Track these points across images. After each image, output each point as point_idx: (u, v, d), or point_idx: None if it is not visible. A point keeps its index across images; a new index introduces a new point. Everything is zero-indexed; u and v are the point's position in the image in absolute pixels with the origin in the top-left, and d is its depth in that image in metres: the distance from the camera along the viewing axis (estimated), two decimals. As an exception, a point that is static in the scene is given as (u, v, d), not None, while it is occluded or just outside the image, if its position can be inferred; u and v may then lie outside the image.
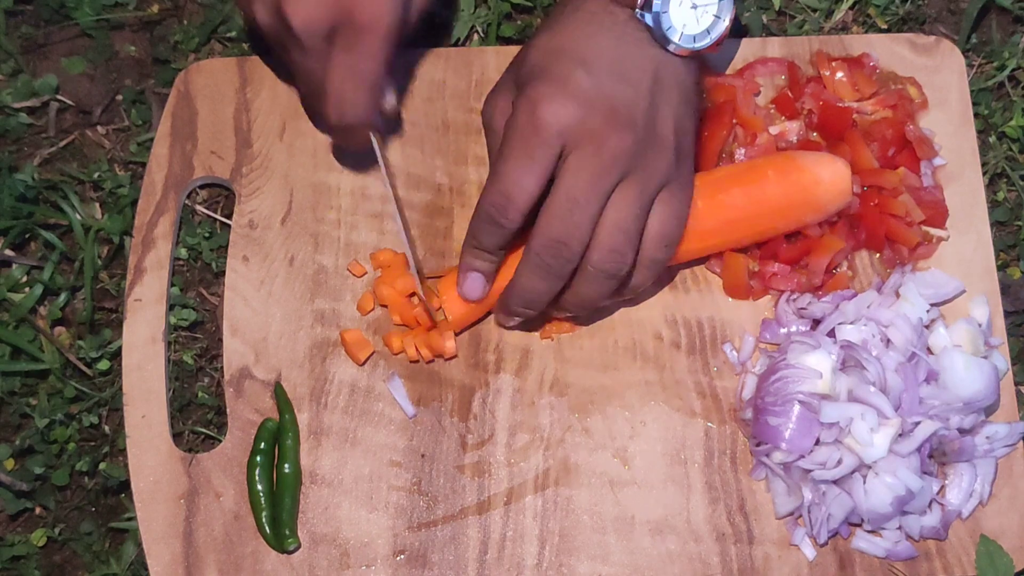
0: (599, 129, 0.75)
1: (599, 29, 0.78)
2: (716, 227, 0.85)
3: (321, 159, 0.92)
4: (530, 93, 0.76)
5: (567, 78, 0.76)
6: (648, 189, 0.78)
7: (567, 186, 0.76)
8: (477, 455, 0.86)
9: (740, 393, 0.87)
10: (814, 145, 0.90)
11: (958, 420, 0.83)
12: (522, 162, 0.76)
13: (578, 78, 0.76)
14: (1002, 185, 0.97)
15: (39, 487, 0.89)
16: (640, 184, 0.77)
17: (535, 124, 0.75)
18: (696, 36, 0.79)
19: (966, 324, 0.86)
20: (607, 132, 0.75)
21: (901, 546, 0.84)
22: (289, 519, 0.84)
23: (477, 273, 0.83)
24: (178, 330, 0.91)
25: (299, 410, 0.87)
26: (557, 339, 0.89)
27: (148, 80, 0.98)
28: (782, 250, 0.88)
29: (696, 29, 0.78)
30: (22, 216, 0.93)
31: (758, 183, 0.85)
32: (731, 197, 0.85)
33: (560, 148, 0.76)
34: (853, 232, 0.89)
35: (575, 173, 0.76)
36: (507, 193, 0.76)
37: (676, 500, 0.85)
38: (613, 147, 0.75)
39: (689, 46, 0.78)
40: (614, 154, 0.75)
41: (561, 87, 0.75)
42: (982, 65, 1.00)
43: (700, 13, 0.79)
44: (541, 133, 0.75)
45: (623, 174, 0.77)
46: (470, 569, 0.84)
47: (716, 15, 0.79)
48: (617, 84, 0.76)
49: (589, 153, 0.75)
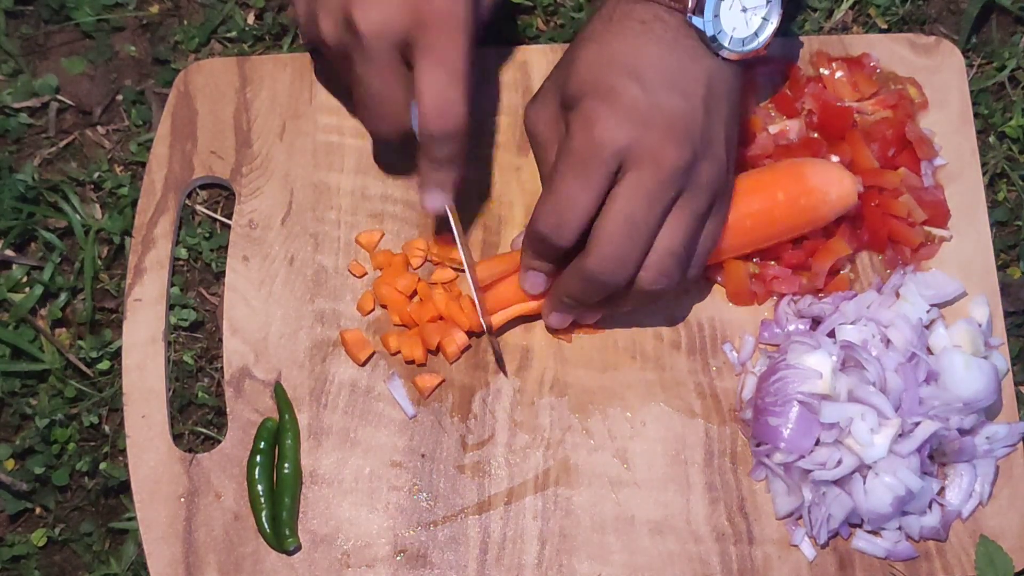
0: (656, 146, 0.74)
1: (650, 39, 0.76)
2: (724, 246, 0.85)
3: (321, 159, 0.92)
4: (585, 111, 0.75)
5: (621, 94, 0.74)
6: (702, 208, 0.77)
7: (625, 206, 0.75)
8: (477, 455, 0.86)
9: (740, 393, 0.87)
10: (815, 144, 0.90)
11: (958, 420, 0.83)
12: (579, 182, 0.75)
13: (633, 93, 0.74)
14: (1002, 185, 0.97)
15: (39, 487, 0.89)
16: (695, 202, 0.76)
17: (591, 144, 0.74)
18: (745, 39, 0.78)
19: (966, 324, 0.86)
20: (665, 149, 0.74)
21: (901, 546, 0.84)
22: (289, 519, 0.84)
23: (537, 272, 0.83)
24: (178, 330, 0.91)
25: (299, 410, 0.87)
26: (557, 339, 0.89)
27: (148, 80, 0.98)
28: (786, 255, 0.88)
29: (745, 32, 0.78)
30: (22, 216, 0.93)
31: (766, 200, 0.84)
32: (738, 216, 0.84)
33: (617, 166, 0.75)
34: (855, 234, 0.89)
35: (632, 192, 0.74)
36: (562, 213, 0.76)
37: (676, 500, 0.85)
38: (671, 164, 0.74)
39: (739, 50, 0.78)
40: (672, 172, 0.74)
41: (616, 104, 0.74)
42: (982, 65, 1.00)
43: (749, 16, 0.78)
44: (598, 154, 0.74)
45: (679, 191, 0.76)
46: (470, 569, 0.84)
47: (764, 17, 0.79)
48: (672, 97, 0.75)
49: (647, 172, 0.74)
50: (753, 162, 0.90)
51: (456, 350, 0.87)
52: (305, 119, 0.93)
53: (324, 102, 0.94)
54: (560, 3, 1.00)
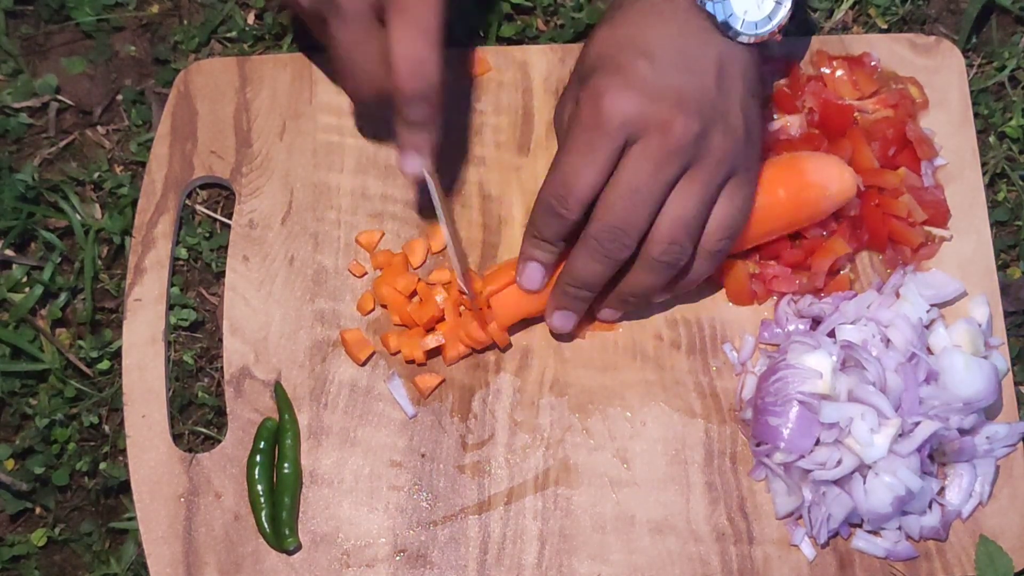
0: (664, 117, 0.74)
1: (661, 19, 0.77)
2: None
3: (321, 159, 0.92)
4: (593, 85, 0.75)
5: (630, 69, 0.75)
6: (714, 180, 0.77)
7: (628, 174, 0.75)
8: (477, 455, 0.86)
9: (740, 393, 0.87)
10: (816, 139, 0.90)
11: (958, 420, 0.83)
12: (584, 154, 0.75)
13: (641, 69, 0.75)
14: (1002, 185, 0.97)
15: (39, 487, 0.89)
16: (706, 174, 0.76)
17: (597, 116, 0.75)
18: (758, 23, 0.78)
19: (966, 324, 0.86)
20: (673, 119, 0.74)
21: (901, 546, 0.84)
22: (289, 518, 0.84)
23: (537, 263, 0.82)
24: (178, 330, 0.91)
25: (299, 410, 0.87)
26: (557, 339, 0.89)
27: (148, 80, 0.98)
28: (786, 253, 0.88)
29: (758, 16, 0.78)
30: (22, 216, 0.93)
31: (767, 195, 0.84)
32: None
33: (623, 140, 0.75)
34: (856, 234, 0.89)
35: (637, 161, 0.75)
36: (568, 184, 0.76)
37: (676, 500, 0.85)
38: (679, 134, 0.74)
39: (751, 32, 0.78)
40: (679, 142, 0.75)
41: (624, 78, 0.75)
42: (982, 65, 1.00)
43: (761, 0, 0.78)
44: (604, 125, 0.74)
45: (688, 163, 0.76)
46: (470, 569, 0.84)
47: (777, 1, 0.79)
48: (682, 74, 0.76)
49: (654, 142, 0.75)
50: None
51: (456, 356, 0.87)
52: (305, 119, 0.93)
53: (324, 102, 0.94)
54: (560, 3, 1.00)
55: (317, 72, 0.94)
